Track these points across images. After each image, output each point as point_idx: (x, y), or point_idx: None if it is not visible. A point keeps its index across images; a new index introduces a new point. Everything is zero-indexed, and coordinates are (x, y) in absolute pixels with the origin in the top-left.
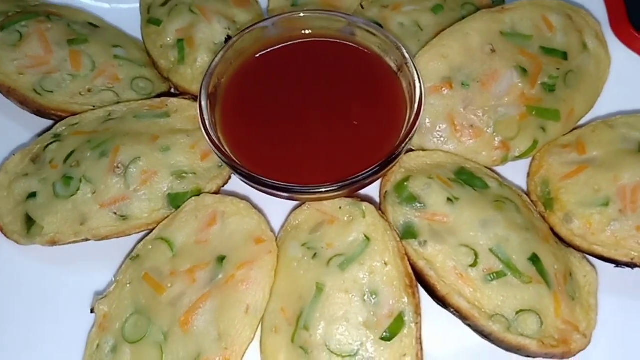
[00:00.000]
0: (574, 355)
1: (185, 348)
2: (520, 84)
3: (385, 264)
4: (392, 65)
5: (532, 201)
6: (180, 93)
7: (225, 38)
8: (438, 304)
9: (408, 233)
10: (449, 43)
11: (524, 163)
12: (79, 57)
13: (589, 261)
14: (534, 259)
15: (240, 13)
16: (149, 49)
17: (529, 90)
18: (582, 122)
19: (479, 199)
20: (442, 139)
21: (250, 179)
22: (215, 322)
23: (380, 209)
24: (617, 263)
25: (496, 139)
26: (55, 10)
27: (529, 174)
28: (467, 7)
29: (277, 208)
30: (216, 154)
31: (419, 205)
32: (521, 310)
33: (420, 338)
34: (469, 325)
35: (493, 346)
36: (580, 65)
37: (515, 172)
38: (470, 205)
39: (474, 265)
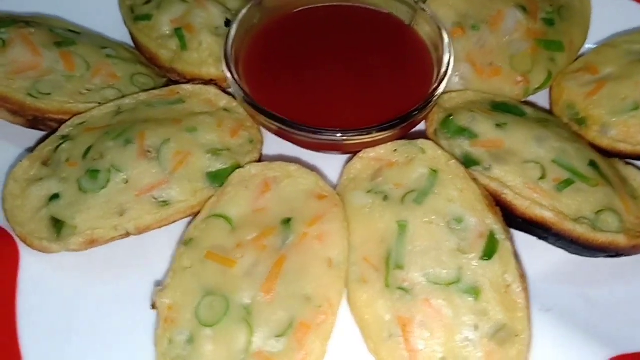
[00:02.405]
0: None
1: (276, 316)
2: (524, 21)
3: (461, 190)
4: (403, 18)
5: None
6: (188, 81)
7: (225, 21)
8: (514, 226)
9: (470, 162)
10: None
11: (542, 96)
12: (71, 58)
13: (634, 165)
14: (593, 164)
15: (233, 0)
16: (144, 43)
17: (533, 25)
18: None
19: (524, 122)
20: (466, 80)
21: (301, 129)
22: (300, 283)
23: None
24: None
25: (515, 73)
26: (32, 20)
27: (552, 103)
28: None
29: (324, 170)
30: (258, 109)
31: (470, 135)
32: (600, 211)
33: (516, 253)
34: (554, 236)
35: (578, 258)
36: (567, 1)
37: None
38: (519, 126)
39: (543, 177)
